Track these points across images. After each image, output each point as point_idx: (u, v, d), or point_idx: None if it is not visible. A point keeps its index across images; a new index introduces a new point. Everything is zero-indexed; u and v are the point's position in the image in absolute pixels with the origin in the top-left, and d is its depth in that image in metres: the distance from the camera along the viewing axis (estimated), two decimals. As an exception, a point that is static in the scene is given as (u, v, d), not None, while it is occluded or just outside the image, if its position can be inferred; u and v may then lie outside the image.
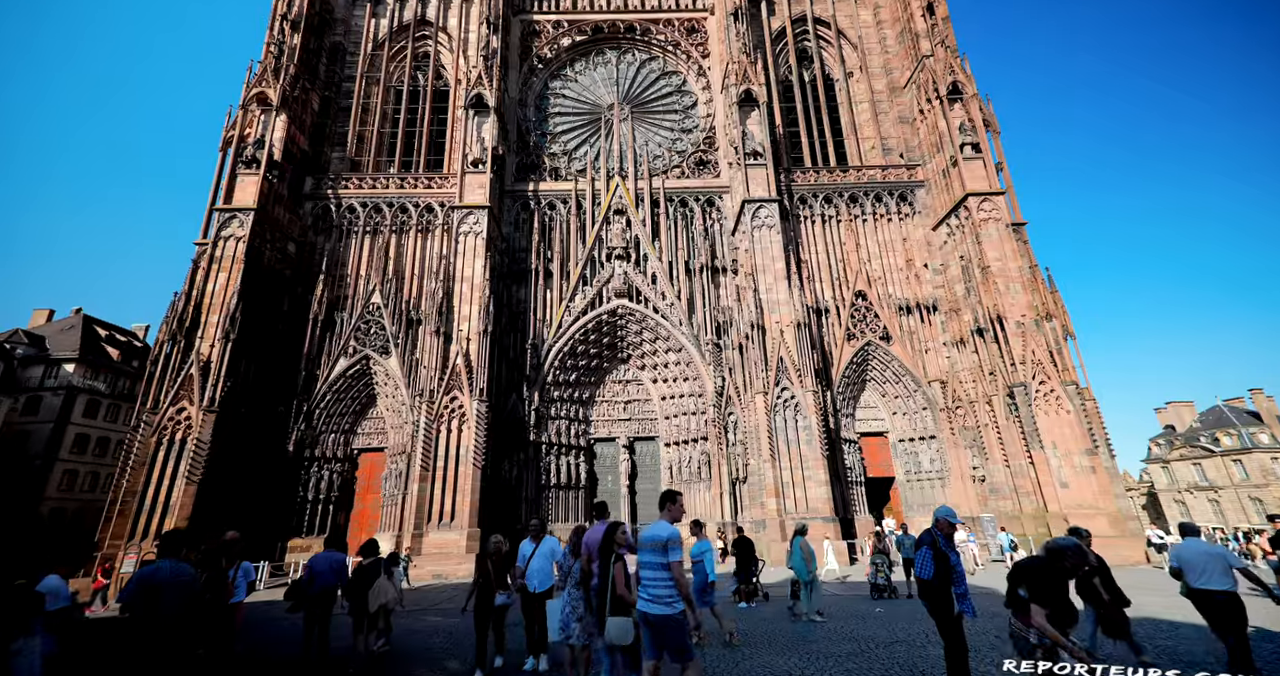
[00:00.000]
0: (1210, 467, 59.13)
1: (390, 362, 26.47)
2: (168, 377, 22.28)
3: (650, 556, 5.40)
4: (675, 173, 32.01)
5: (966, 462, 26.54)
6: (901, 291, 29.52)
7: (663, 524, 5.61)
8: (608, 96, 34.13)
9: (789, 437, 24.49)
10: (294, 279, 27.47)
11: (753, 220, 27.76)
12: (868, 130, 32.71)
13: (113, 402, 44.64)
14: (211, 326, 23.17)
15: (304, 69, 29.38)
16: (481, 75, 29.29)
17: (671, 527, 5.58)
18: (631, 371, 29.94)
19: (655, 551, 5.38)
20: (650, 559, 5.41)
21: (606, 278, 29.04)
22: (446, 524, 22.87)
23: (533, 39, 34.21)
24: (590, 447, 28.78)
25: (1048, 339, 24.59)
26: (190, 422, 21.70)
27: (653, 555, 5.39)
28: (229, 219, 25.00)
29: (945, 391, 27.59)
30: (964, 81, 29.04)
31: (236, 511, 22.06)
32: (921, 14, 30.98)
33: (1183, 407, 66.37)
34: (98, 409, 43.79)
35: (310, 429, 25.53)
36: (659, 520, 5.75)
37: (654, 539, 5.42)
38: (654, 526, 5.61)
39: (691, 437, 28.13)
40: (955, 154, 28.07)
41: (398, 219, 29.48)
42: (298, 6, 29.63)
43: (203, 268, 23.89)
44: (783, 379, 25.14)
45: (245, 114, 27.18)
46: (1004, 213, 27.04)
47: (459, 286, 26.36)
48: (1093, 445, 22.73)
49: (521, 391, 27.17)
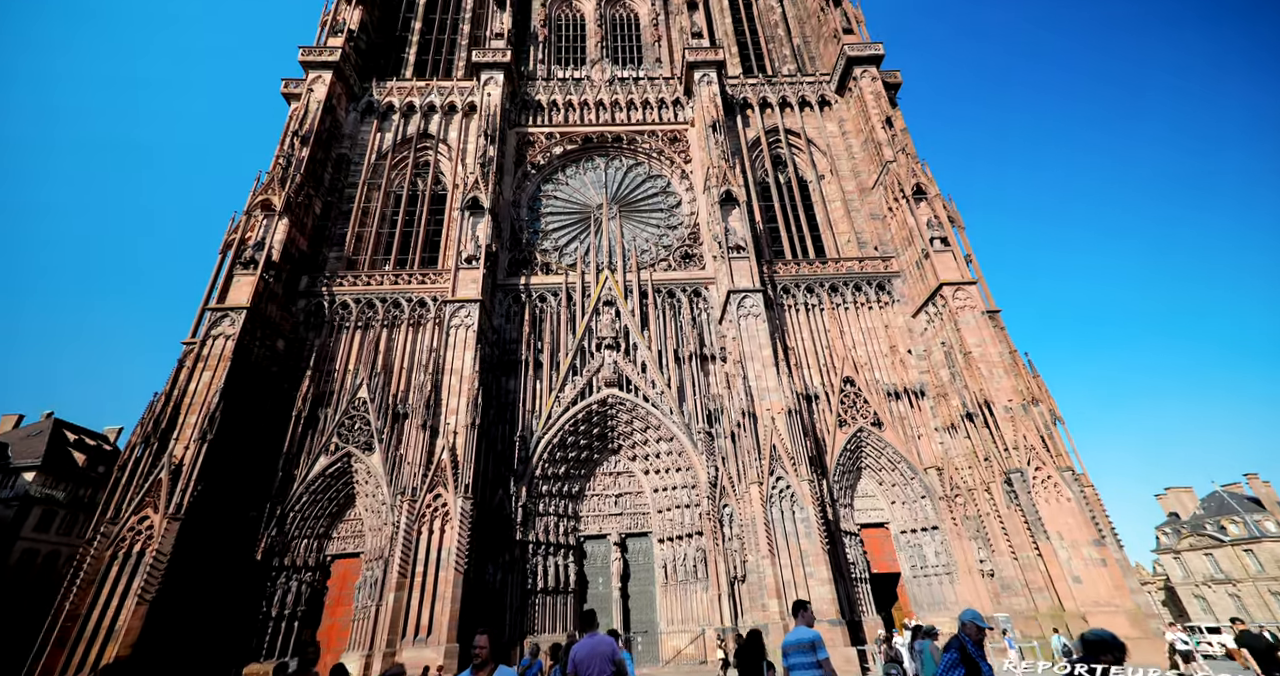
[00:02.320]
0: (1223, 558, 57.25)
1: (373, 459, 25.62)
2: (134, 483, 21.14)
3: (799, 657, 6.45)
4: (662, 265, 33.34)
5: (973, 555, 25.43)
6: (888, 377, 29.88)
7: (803, 628, 6.77)
8: (597, 197, 36.32)
9: (787, 530, 23.52)
10: (281, 375, 27.21)
11: (738, 309, 28.59)
12: (842, 225, 34.80)
13: (70, 513, 41.84)
14: (189, 427, 22.47)
15: (309, 177, 31.14)
16: (478, 180, 31.22)
17: (813, 631, 6.71)
18: (622, 463, 29.19)
19: (803, 652, 6.44)
20: (800, 660, 6.45)
21: (596, 367, 29.16)
22: (423, 639, 20.94)
23: (527, 148, 36.93)
24: (580, 546, 27.29)
25: (1037, 423, 24.63)
26: (152, 532, 20.27)
27: (800, 656, 6.44)
28: (220, 318, 25.19)
29: (942, 479, 27.07)
30: (926, 183, 31.47)
31: (191, 632, 20.11)
32: (881, 126, 34.20)
33: (1183, 493, 65.25)
34: (52, 521, 40.88)
35: (282, 534, 24.03)
36: (798, 625, 6.94)
37: (800, 642, 6.50)
38: (798, 631, 6.79)
39: (686, 533, 26.88)
40: (926, 247, 29.74)
41: (390, 313, 29.93)
42: (309, 123, 32.04)
43: (187, 366, 23.64)
44: (777, 468, 24.60)
45: (248, 219, 28.34)
46: (978, 301, 28.18)
47: (448, 379, 26.22)
48: (1099, 535, 22.00)
49: (509, 486, 26.18)
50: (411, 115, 36.86)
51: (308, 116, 32.45)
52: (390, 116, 36.69)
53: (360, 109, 36.54)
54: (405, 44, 41.72)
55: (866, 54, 37.11)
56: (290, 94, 35.37)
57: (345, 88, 35.92)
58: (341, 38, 36.14)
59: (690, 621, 25.11)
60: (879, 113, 34.88)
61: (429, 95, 37.39)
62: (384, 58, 40.58)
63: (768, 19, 44.88)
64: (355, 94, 36.68)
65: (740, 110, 38.24)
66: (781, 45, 43.26)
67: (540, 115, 38.10)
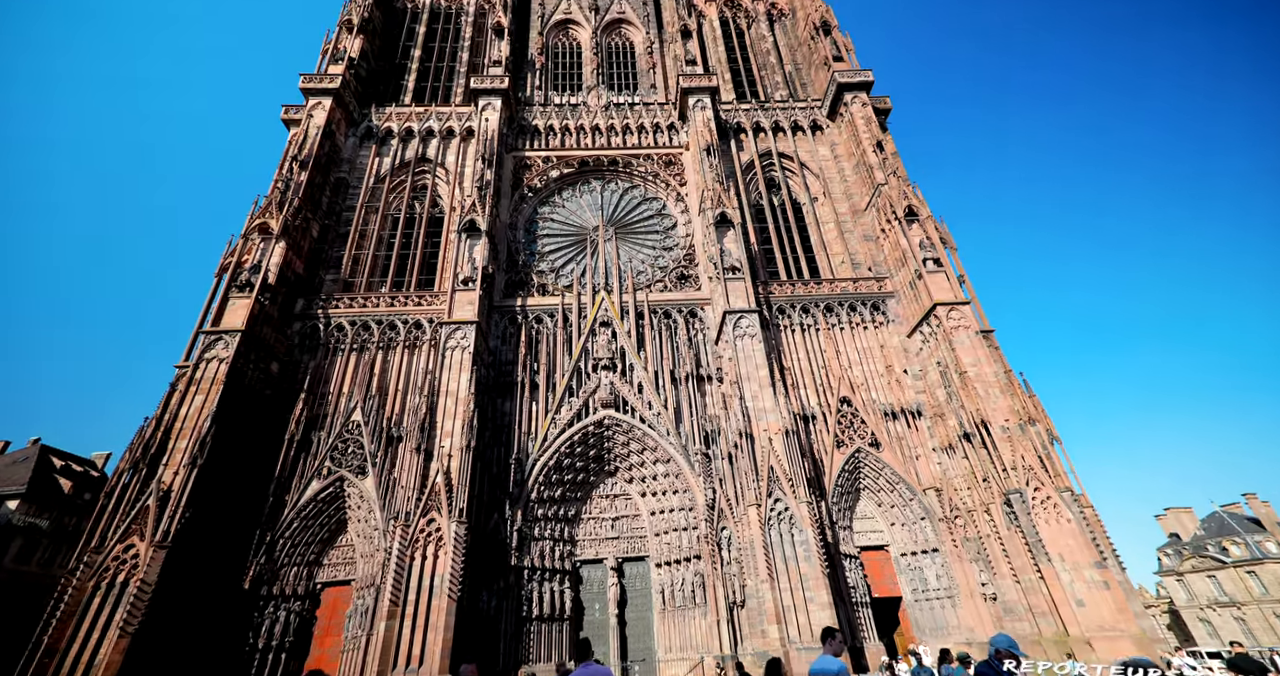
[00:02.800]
0: (1226, 580, 56.68)
1: (366, 484, 25.26)
2: (121, 510, 20.67)
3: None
4: (658, 286, 33.51)
5: (974, 578, 25.10)
6: (885, 397, 29.88)
7: (829, 658, 6.59)
8: (593, 219, 36.68)
9: (786, 554, 23.22)
10: (274, 399, 26.96)
11: (734, 330, 28.68)
12: (836, 247, 35.18)
13: (53, 543, 40.73)
14: (179, 452, 22.13)
15: (307, 201, 31.34)
16: (475, 203, 31.51)
17: (839, 661, 6.52)
18: (619, 485, 28.88)
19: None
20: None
21: (593, 388, 29.06)
22: (414, 670, 20.39)
23: (524, 172, 37.40)
24: (576, 571, 26.80)
25: (1034, 443, 24.59)
26: (137, 561, 19.76)
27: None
28: (214, 341, 25.06)
29: (941, 499, 26.87)
30: (917, 205, 31.95)
31: (175, 665, 19.48)
32: (872, 150, 34.86)
33: (1183, 514, 64.79)
34: (33, 552, 39.82)
35: (271, 562, 23.50)
36: (825, 653, 6.74)
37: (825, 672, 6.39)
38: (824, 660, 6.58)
39: (684, 557, 26.47)
40: (919, 267, 30.05)
41: (385, 335, 29.86)
42: (308, 148, 32.40)
43: (179, 390, 23.41)
44: (775, 489, 24.40)
45: (245, 242, 28.41)
46: (972, 321, 28.38)
47: (443, 401, 26.06)
48: (1100, 557, 21.79)
49: (504, 510, 25.81)
50: (410, 140, 37.36)
51: (307, 141, 32.84)
52: (389, 141, 37.17)
53: (359, 134, 37.03)
54: (405, 71, 42.50)
55: (857, 80, 38.02)
56: (290, 120, 35.84)
57: (345, 113, 36.45)
58: (342, 65, 36.80)
59: (689, 649, 24.57)
60: (870, 137, 35.58)
61: (427, 121, 37.96)
62: (384, 84, 41.29)
63: (759, 47, 46.05)
64: (354, 119, 37.21)
65: (734, 134, 38.95)
66: (773, 72, 44.31)
67: (537, 139, 38.68)
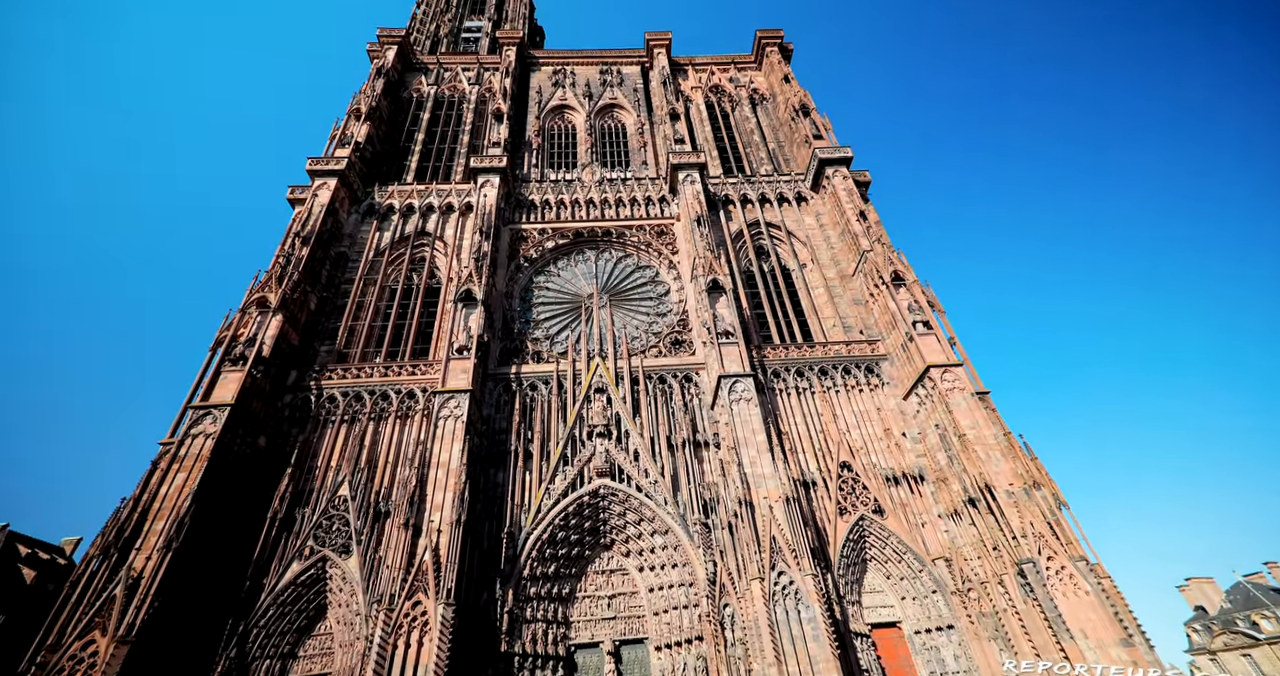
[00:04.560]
0: (1262, 659, 52.95)
1: (349, 563, 24.04)
2: (85, 601, 19.44)
3: None
4: (653, 352, 33.70)
5: (995, 659, 23.53)
6: (885, 461, 29.34)
7: None
8: (587, 287, 37.46)
9: (793, 633, 21.83)
10: (259, 474, 26.19)
11: (730, 394, 28.57)
12: (826, 311, 35.83)
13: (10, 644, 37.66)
14: (154, 534, 21.14)
15: (306, 275, 32.04)
16: (472, 274, 32.25)
17: None
18: (616, 559, 27.60)
19: None
20: None
21: (588, 456, 28.45)
22: (391, 781, 18.50)
23: (520, 243, 38.62)
24: (570, 657, 25.01)
25: (1042, 508, 23.91)
26: (95, 660, 18.24)
27: None
28: (203, 415, 24.69)
29: (951, 570, 25.72)
30: (903, 270, 32.90)
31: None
32: (856, 219, 36.37)
33: (1205, 584, 61.58)
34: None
35: (242, 656, 21.83)
36: None
37: None
38: None
39: (685, 638, 24.84)
40: (909, 330, 30.48)
41: (378, 406, 29.55)
42: (311, 225, 33.60)
43: (161, 468, 22.75)
44: (778, 562, 23.32)
45: (243, 316, 28.73)
46: (967, 383, 28.42)
47: (434, 473, 25.37)
48: (1126, 634, 20.57)
49: (494, 589, 24.46)
50: (410, 215, 38.84)
51: (310, 218, 34.06)
52: (390, 217, 38.62)
53: (362, 211, 38.52)
54: (408, 153, 44.91)
55: (837, 156, 40.28)
56: (295, 199, 37.35)
57: (349, 192, 38.10)
58: (349, 149, 38.97)
59: (694, 748, 22.52)
60: (853, 207, 37.20)
61: (428, 197, 39.66)
62: (387, 165, 43.46)
63: (744, 127, 49.16)
64: (358, 197, 38.83)
65: (723, 206, 40.68)
66: (758, 149, 47.02)
67: (534, 213, 40.24)
